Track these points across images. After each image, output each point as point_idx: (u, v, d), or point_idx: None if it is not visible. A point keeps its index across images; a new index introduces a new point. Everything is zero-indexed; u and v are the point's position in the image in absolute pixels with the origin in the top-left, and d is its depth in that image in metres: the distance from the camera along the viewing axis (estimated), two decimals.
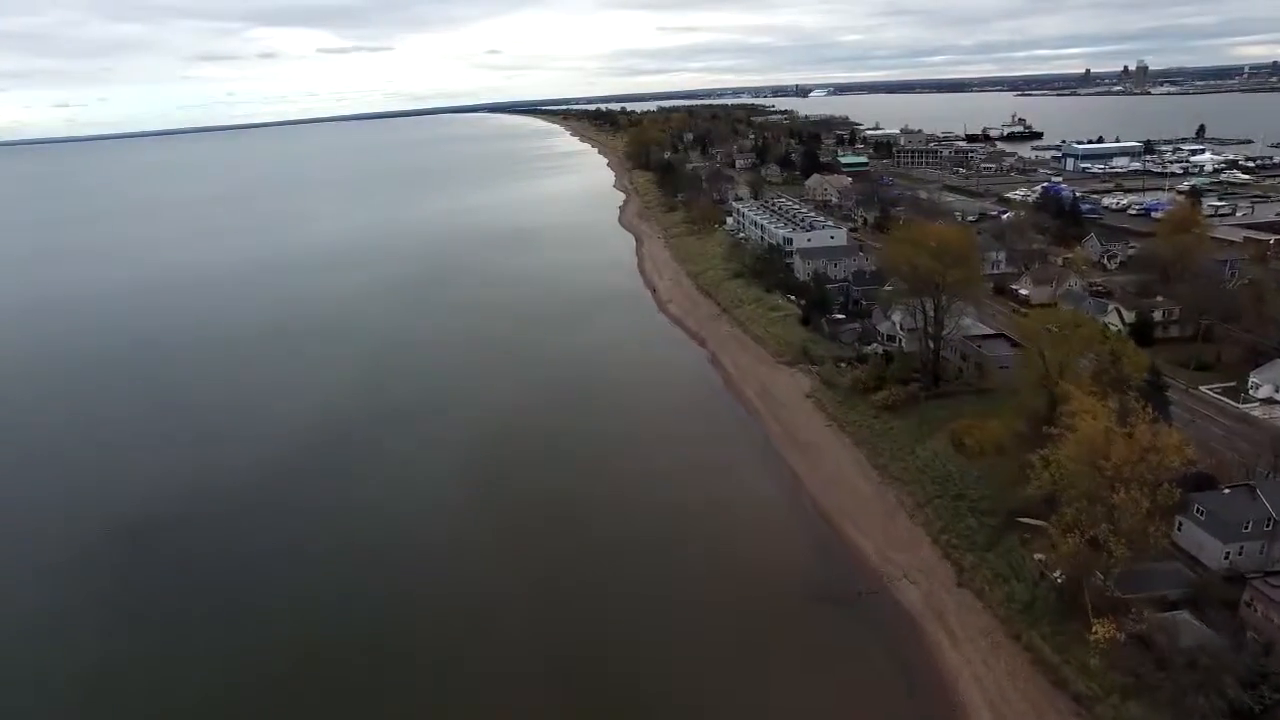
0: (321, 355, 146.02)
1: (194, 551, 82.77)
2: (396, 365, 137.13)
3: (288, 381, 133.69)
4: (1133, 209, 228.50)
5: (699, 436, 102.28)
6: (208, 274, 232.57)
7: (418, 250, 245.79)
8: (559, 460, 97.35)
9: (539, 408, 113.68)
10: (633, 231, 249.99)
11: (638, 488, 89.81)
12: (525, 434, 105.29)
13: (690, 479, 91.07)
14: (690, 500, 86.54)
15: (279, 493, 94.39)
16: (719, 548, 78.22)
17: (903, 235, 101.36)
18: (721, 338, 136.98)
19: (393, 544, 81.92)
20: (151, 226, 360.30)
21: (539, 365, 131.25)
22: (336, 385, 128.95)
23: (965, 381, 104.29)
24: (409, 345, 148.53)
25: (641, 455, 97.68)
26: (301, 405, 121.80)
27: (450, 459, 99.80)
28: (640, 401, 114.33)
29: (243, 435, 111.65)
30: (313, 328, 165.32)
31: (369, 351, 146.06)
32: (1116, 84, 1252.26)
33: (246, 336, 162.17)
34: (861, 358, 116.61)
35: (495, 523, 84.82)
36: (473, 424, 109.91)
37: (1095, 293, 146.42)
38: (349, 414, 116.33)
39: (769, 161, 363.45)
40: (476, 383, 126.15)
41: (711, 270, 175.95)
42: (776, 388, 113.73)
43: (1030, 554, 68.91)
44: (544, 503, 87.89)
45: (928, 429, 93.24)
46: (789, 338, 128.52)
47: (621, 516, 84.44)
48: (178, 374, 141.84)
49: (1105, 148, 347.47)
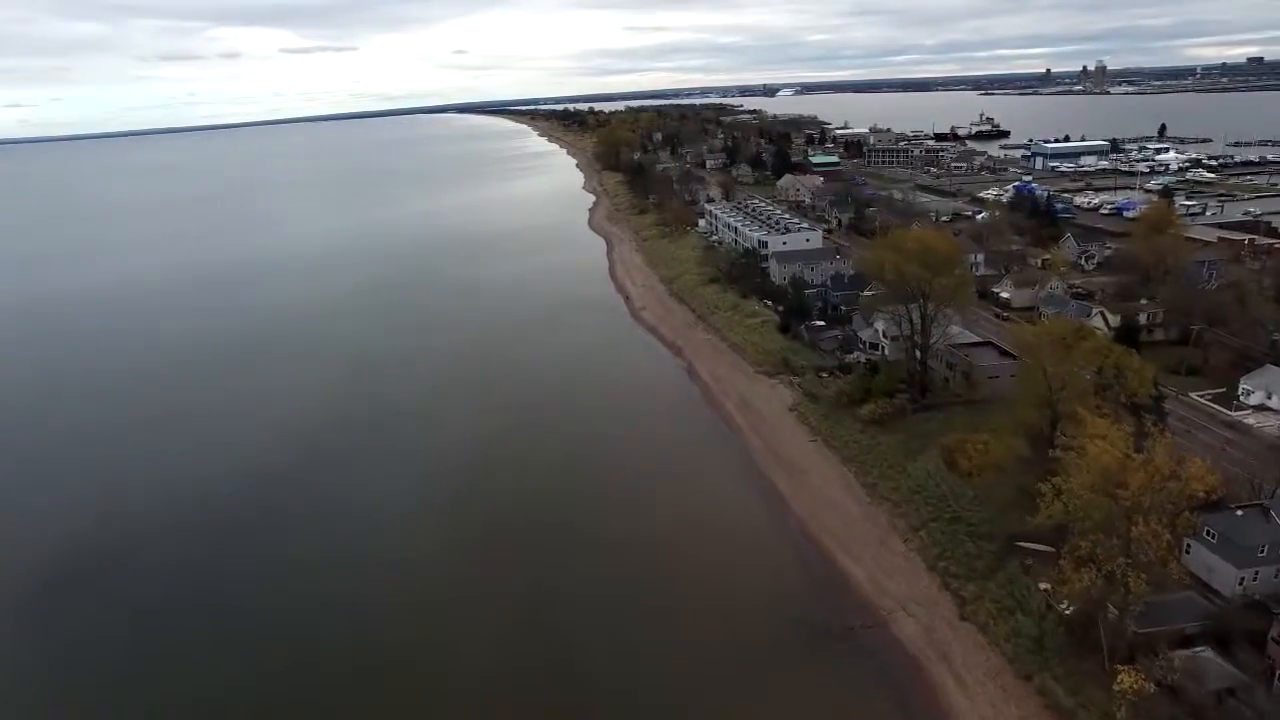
0: (276, 371, 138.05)
1: (164, 579, 76.78)
2: (354, 385, 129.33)
3: (240, 400, 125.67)
4: (1105, 208, 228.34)
5: (678, 455, 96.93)
6: (147, 285, 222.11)
7: (381, 257, 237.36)
8: (528, 485, 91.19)
9: (507, 428, 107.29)
10: (603, 235, 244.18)
11: (614, 513, 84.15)
12: (493, 456, 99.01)
13: (669, 503, 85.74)
14: (669, 526, 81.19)
15: (243, 513, 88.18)
16: (700, 578, 72.94)
17: (887, 242, 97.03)
18: (698, 347, 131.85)
19: (350, 577, 75.50)
20: (100, 231, 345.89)
21: (507, 382, 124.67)
22: (295, 404, 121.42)
23: (953, 392, 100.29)
24: (366, 362, 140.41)
25: (618, 477, 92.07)
26: (258, 423, 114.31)
27: (408, 490, 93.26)
28: (615, 417, 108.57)
29: (198, 459, 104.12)
30: (267, 343, 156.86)
31: (324, 369, 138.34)
32: (1076, 83, 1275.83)
33: (195, 354, 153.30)
34: (844, 367, 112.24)
35: (462, 557, 78.71)
36: (435, 450, 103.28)
37: (1076, 295, 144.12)
38: (308, 434, 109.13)
39: (740, 162, 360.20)
40: (439, 402, 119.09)
41: (685, 275, 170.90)
42: (757, 400, 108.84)
43: (1034, 582, 64.67)
44: (513, 530, 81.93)
45: (918, 444, 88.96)
46: (768, 346, 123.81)
47: (596, 545, 78.78)
48: (121, 393, 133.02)
49: (1073, 146, 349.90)
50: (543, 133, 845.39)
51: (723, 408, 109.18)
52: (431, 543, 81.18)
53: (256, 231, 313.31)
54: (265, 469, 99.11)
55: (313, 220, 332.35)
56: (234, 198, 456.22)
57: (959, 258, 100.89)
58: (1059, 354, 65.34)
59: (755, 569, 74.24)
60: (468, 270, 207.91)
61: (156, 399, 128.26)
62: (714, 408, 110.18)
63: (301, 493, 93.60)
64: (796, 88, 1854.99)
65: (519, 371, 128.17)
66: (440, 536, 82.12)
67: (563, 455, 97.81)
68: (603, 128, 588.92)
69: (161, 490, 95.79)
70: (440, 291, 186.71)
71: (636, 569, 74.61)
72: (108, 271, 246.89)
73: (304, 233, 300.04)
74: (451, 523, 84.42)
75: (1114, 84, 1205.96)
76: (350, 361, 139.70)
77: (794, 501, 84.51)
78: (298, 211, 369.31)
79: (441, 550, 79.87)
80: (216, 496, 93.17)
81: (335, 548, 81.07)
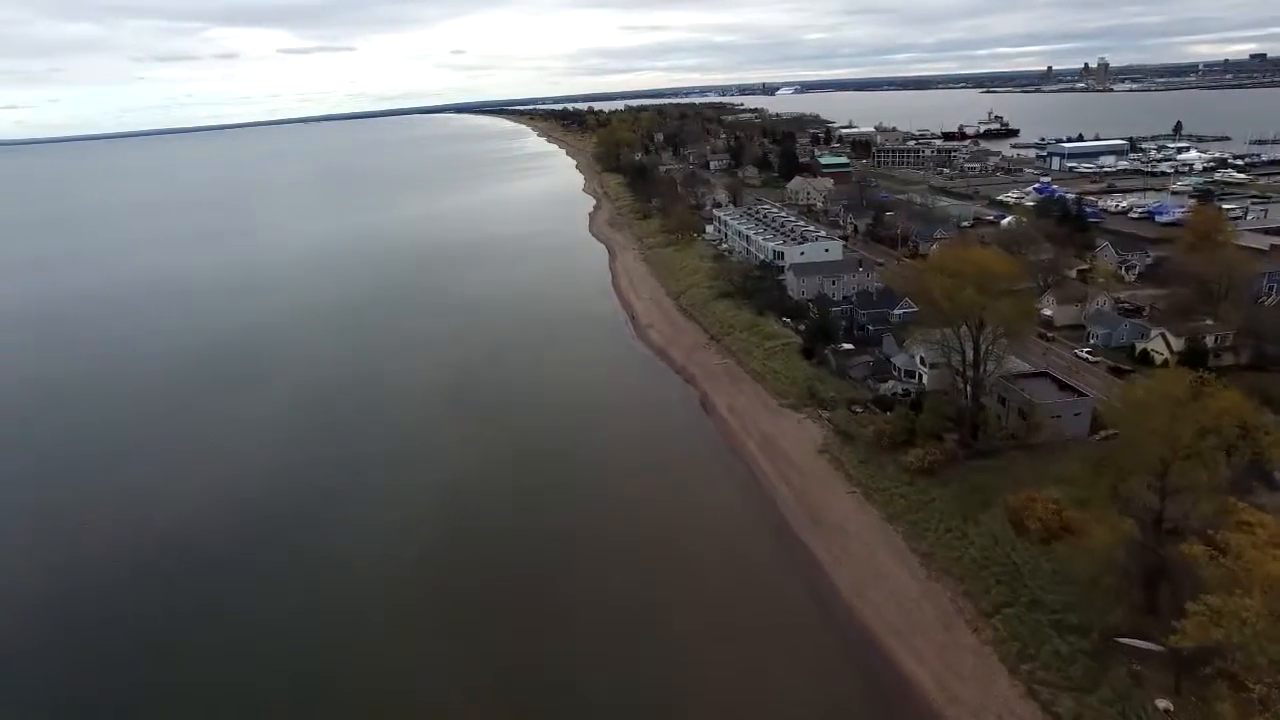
0: (246, 397, 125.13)
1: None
2: (326, 418, 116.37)
3: (210, 428, 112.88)
4: (1134, 212, 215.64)
5: (696, 512, 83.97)
6: (111, 298, 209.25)
7: (368, 267, 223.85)
8: (522, 549, 78.45)
9: (496, 475, 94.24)
10: (604, 241, 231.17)
11: (621, 596, 71.08)
12: (476, 516, 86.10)
13: (689, 578, 72.72)
14: (689, 609, 68.32)
15: (210, 557, 75.28)
16: (727, 682, 60.10)
17: (936, 262, 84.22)
18: (712, 373, 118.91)
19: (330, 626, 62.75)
20: (74, 238, 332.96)
21: (497, 418, 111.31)
22: (266, 435, 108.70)
23: (1009, 434, 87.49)
24: (339, 390, 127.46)
25: (624, 540, 79.04)
26: (230, 457, 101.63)
27: (379, 549, 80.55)
28: (621, 460, 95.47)
29: (159, 496, 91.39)
30: (237, 364, 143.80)
31: (299, 396, 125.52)
32: (1079, 81, 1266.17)
33: (153, 380, 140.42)
34: (880, 401, 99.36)
35: (434, 640, 65.98)
36: (406, 509, 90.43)
37: (1124, 311, 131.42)
38: (276, 473, 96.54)
39: (745, 163, 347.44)
40: (416, 441, 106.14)
41: (694, 288, 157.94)
42: (783, 440, 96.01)
43: (1151, 701, 52.02)
44: (499, 616, 69.22)
45: (976, 501, 76.16)
46: (791, 374, 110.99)
47: (599, 636, 65.97)
48: (72, 419, 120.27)
49: (1091, 146, 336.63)
50: (541, 133, 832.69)
51: (744, 449, 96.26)
52: (399, 622, 68.48)
53: (241, 238, 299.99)
54: (224, 517, 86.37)
55: (301, 226, 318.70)
56: (223, 201, 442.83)
57: (1020, 280, 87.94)
58: (1174, 413, 52.38)
59: (794, 667, 61.38)
60: (460, 281, 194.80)
61: (114, 428, 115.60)
62: (734, 449, 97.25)
63: (267, 542, 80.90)
64: (796, 86, 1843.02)
65: (512, 402, 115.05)
66: (410, 613, 69.42)
67: (561, 510, 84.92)
68: (603, 128, 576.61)
69: (112, 528, 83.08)
70: (428, 305, 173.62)
71: (650, 669, 61.76)
72: (73, 281, 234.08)
73: (290, 240, 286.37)
74: (424, 603, 71.67)
75: (1117, 81, 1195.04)
76: (322, 389, 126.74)
77: (835, 572, 71.71)
78: (286, 217, 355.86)
79: (420, 632, 67.18)
80: (158, 551, 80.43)
81: (304, 615, 68.58)
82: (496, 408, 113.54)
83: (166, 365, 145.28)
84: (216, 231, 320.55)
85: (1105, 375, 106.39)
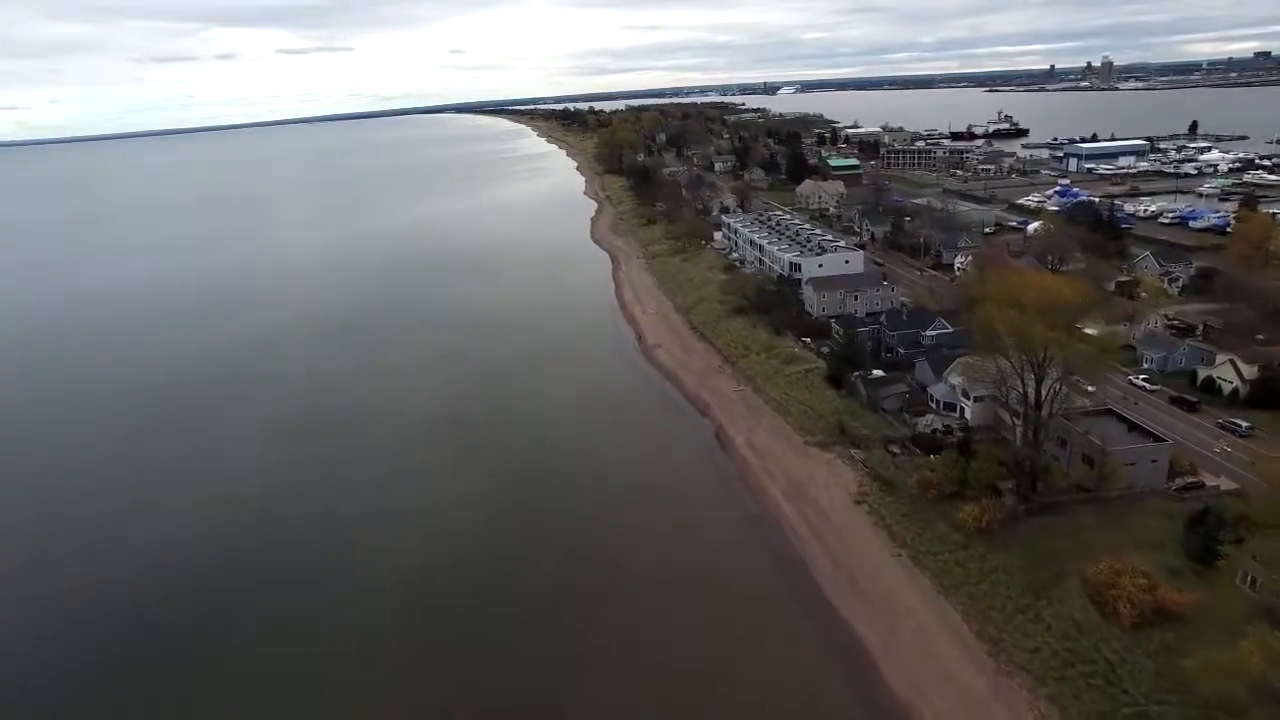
0: (219, 432, 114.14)
1: None
2: (311, 449, 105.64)
3: (180, 464, 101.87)
4: (1165, 217, 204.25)
5: (714, 575, 72.81)
6: (83, 316, 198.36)
7: (357, 278, 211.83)
8: (512, 618, 67.40)
9: (486, 526, 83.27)
10: (607, 248, 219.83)
11: (625, 687, 60.16)
12: (464, 569, 75.17)
13: (704, 664, 61.63)
14: (705, 712, 57.28)
15: (185, 594, 64.14)
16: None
17: (998, 290, 72.88)
18: (728, 402, 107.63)
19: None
20: (57, 246, 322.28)
21: (491, 450, 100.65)
22: (244, 470, 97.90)
23: (1075, 485, 76.33)
24: (328, 415, 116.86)
25: (628, 618, 67.75)
26: (204, 496, 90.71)
27: (362, 599, 69.60)
28: (627, 511, 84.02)
29: (131, 538, 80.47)
30: (211, 391, 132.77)
31: (274, 428, 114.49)
32: (1083, 80, 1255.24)
33: (124, 403, 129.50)
34: (920, 440, 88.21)
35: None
36: (393, 559, 79.47)
37: (1176, 331, 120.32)
38: (248, 516, 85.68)
39: (751, 165, 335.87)
40: (404, 481, 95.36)
41: (705, 303, 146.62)
42: (812, 485, 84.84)
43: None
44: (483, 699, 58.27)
45: (1046, 570, 65.07)
46: (817, 405, 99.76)
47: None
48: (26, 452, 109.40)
49: (1110, 146, 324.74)
50: (542, 133, 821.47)
51: (768, 496, 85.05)
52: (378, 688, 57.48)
53: (228, 245, 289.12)
54: (203, 557, 75.49)
55: (290, 236, 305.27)
56: (216, 205, 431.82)
57: (1099, 312, 76.72)
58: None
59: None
60: (454, 293, 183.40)
61: (70, 465, 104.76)
62: (756, 495, 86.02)
63: (241, 607, 70.03)
64: (797, 85, 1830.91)
65: (506, 438, 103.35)
66: (398, 686, 58.42)
67: (555, 578, 73.71)
68: (604, 128, 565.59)
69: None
70: (420, 322, 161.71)
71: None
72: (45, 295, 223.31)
73: (277, 250, 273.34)
74: (411, 674, 60.66)
75: (1121, 80, 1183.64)
76: (303, 418, 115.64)
77: (885, 662, 60.52)
78: (278, 223, 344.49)
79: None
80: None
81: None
82: (489, 442, 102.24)
83: (133, 396, 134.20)
84: (202, 239, 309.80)
85: (1168, 408, 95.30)
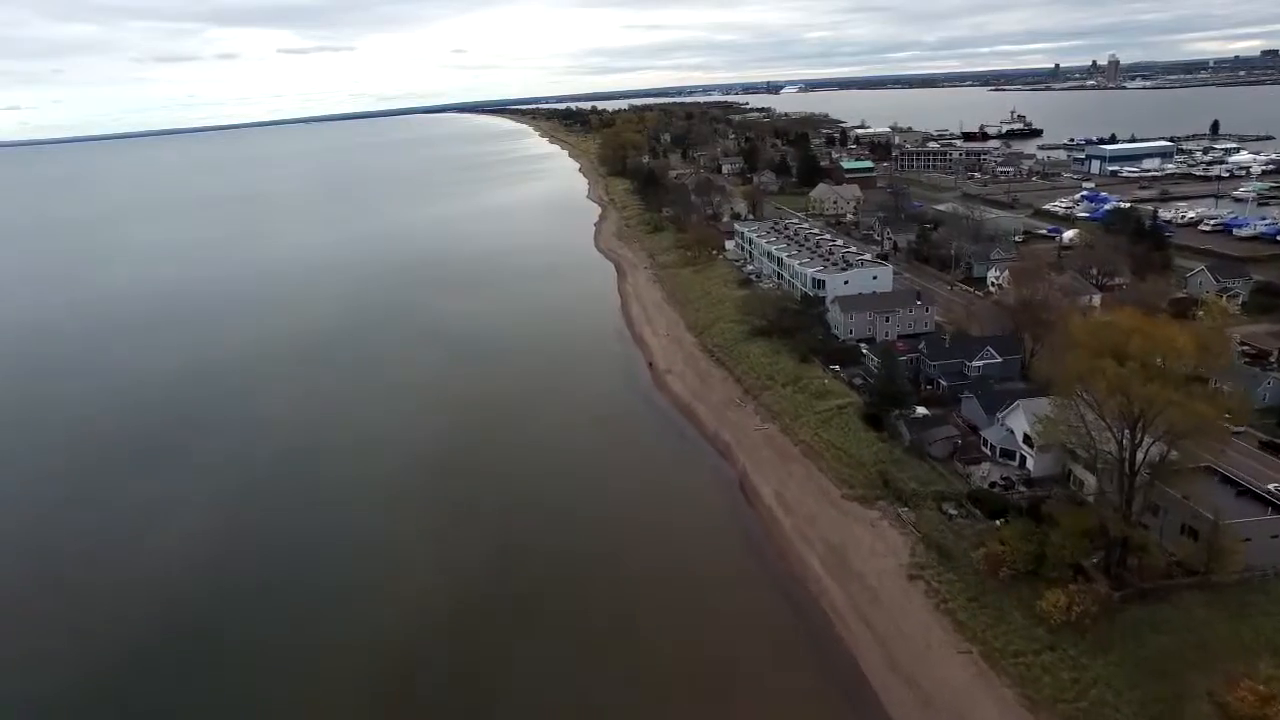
0: (171, 472, 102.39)
1: None
2: (276, 500, 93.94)
3: (130, 510, 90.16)
4: (1205, 224, 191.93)
5: (747, 660, 60.88)
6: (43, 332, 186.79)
7: (345, 290, 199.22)
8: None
9: (468, 613, 71.49)
10: (612, 258, 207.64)
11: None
12: (442, 672, 63.28)
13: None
14: None
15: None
16: None
17: (1087, 336, 60.38)
18: (752, 444, 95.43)
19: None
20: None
21: (478, 502, 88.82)
22: (202, 519, 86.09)
23: (1176, 562, 64.10)
24: (296, 457, 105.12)
25: (647, 712, 56.14)
26: (166, 549, 78.89)
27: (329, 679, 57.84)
28: (643, 587, 71.73)
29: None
30: (164, 423, 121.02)
31: (248, 467, 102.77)
32: (1088, 78, 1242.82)
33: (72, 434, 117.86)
34: (980, 499, 76.09)
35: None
36: (371, 635, 67.61)
37: (1248, 357, 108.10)
38: (217, 564, 73.91)
39: (761, 167, 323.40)
40: (380, 545, 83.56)
41: (721, 323, 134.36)
42: (856, 553, 72.73)
43: None
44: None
45: (1162, 683, 52.95)
46: (855, 450, 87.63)
47: None
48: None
49: (1134, 148, 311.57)
50: (544, 133, 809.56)
51: (804, 566, 72.88)
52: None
53: (210, 251, 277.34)
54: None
55: (278, 241, 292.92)
56: (207, 206, 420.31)
57: (1223, 365, 64.35)
58: None
59: None
60: (445, 310, 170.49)
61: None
62: (790, 563, 73.88)
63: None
64: (800, 84, 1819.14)
65: (496, 490, 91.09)
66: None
67: (551, 671, 61.85)
68: (607, 128, 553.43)
69: None
70: (408, 345, 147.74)
71: None
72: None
73: (258, 257, 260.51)
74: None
75: (1128, 78, 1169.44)
76: (270, 460, 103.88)
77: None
78: (264, 229, 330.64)
79: None
80: None
81: None
82: (479, 501, 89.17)
83: (81, 427, 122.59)
84: (184, 244, 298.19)
85: (1259, 454, 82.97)
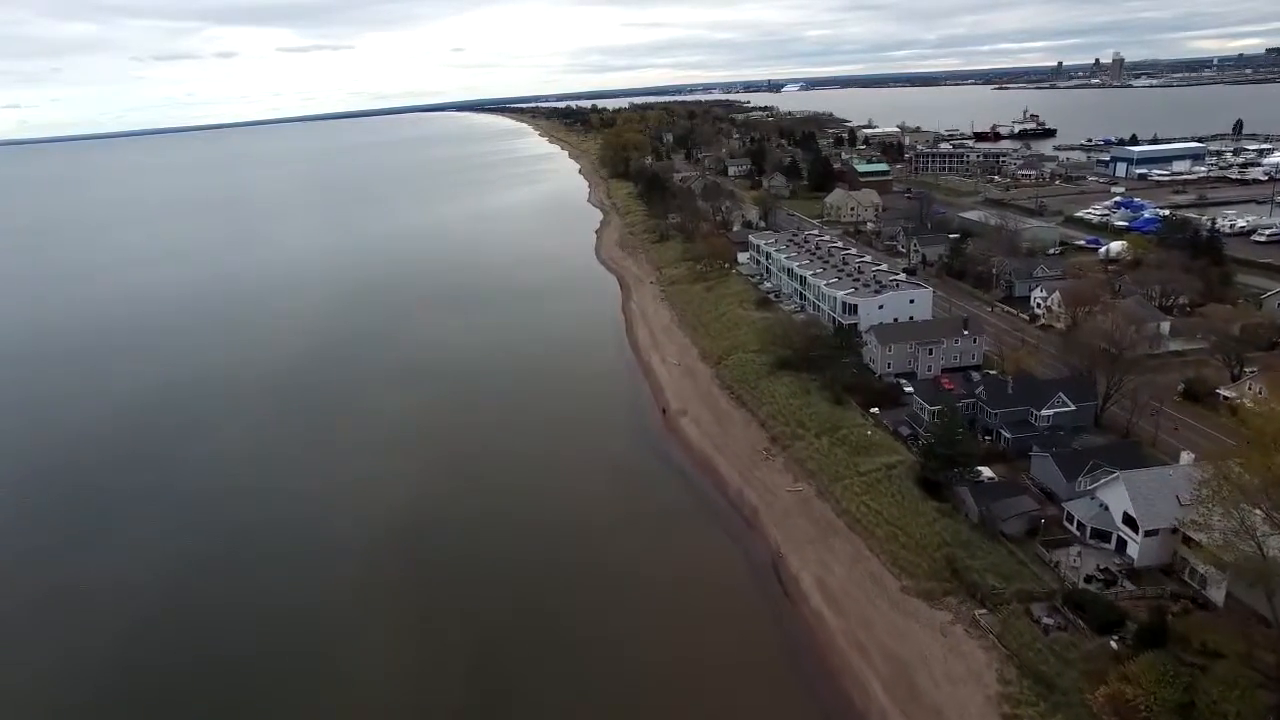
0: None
1: None
2: (241, 558, 79.16)
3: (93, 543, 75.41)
4: (1259, 234, 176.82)
5: None
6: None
7: (325, 308, 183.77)
8: None
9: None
10: (615, 271, 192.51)
11: None
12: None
13: None
14: None
15: None
16: None
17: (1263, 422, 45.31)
18: (785, 512, 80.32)
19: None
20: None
21: (459, 585, 74.02)
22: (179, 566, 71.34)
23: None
24: (259, 517, 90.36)
25: None
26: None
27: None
28: (644, 706, 57.26)
29: None
30: (131, 455, 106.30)
31: (207, 522, 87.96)
32: (1092, 77, 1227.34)
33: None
34: (1080, 601, 60.97)
35: None
36: None
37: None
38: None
39: (769, 170, 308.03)
40: (343, 636, 68.82)
41: (739, 352, 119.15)
42: (926, 675, 57.72)
43: None
44: None
45: None
46: (911, 526, 72.45)
47: None
48: None
49: (1163, 149, 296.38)
50: (543, 133, 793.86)
51: (862, 688, 57.74)
52: None
53: (189, 260, 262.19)
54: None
55: (261, 249, 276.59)
56: (193, 211, 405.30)
57: None
58: None
59: None
60: (429, 335, 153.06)
61: None
62: (842, 684, 58.68)
63: None
64: (802, 83, 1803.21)
65: (480, 570, 76.12)
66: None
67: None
68: (608, 128, 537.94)
69: None
70: (381, 376, 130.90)
71: None
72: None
73: (237, 267, 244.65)
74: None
75: (1133, 77, 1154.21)
76: (234, 508, 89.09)
77: None
78: (248, 236, 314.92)
79: None
80: None
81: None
82: (457, 591, 74.38)
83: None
84: (156, 254, 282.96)
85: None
